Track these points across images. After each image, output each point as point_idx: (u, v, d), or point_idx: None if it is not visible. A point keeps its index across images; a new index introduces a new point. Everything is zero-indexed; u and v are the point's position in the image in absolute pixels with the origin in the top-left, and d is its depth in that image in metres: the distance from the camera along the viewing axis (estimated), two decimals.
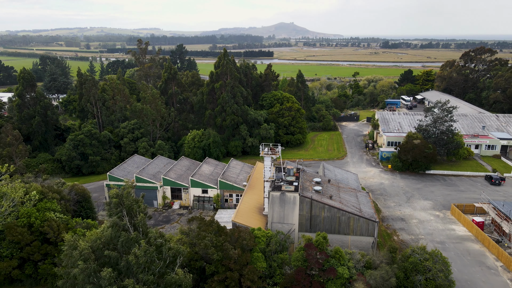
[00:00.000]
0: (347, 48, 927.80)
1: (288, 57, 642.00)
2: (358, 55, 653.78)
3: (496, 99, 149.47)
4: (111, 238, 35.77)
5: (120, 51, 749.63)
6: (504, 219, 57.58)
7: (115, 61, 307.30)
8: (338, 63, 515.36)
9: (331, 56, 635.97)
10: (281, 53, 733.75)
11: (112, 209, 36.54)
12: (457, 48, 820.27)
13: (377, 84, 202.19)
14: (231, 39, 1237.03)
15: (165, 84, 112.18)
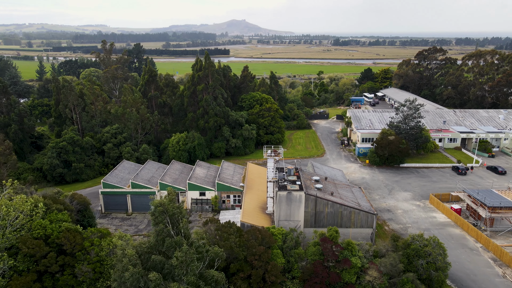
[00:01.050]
0: (300, 45, 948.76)
1: (245, 55, 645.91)
2: (312, 53, 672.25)
3: (448, 95, 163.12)
4: (156, 244, 37.38)
5: (67, 50, 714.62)
6: (479, 205, 65.22)
7: (67, 61, 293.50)
8: (294, 60, 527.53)
9: (286, 54, 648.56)
10: (237, 51, 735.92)
11: (157, 218, 38.06)
12: (401, 45, 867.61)
13: (339, 82, 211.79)
14: (184, 37, 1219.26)
15: (145, 86, 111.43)
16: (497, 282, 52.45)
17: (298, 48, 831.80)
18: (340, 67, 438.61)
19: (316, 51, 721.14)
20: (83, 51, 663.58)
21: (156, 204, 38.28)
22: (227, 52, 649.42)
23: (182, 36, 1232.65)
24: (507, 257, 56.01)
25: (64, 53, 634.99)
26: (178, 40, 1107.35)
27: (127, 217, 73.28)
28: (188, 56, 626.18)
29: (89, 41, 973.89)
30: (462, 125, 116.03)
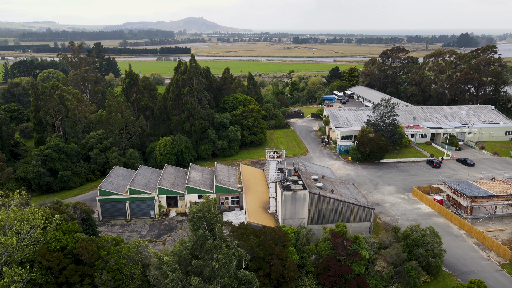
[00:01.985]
0: (260, 43, 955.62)
1: (206, 53, 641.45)
2: (273, 50, 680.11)
3: (413, 92, 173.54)
4: (193, 248, 39.00)
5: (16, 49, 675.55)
6: (460, 195, 71.81)
7: (21, 62, 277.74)
8: (257, 59, 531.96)
9: (248, 52, 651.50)
10: (198, 49, 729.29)
11: (196, 223, 39.60)
12: (357, 43, 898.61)
13: (308, 81, 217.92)
14: (141, 34, 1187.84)
15: (126, 90, 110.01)
16: (483, 265, 58.60)
17: (259, 46, 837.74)
18: (302, 65, 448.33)
19: (277, 49, 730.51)
20: (34, 50, 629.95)
21: (194, 210, 39.83)
22: (189, 50, 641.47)
23: (139, 34, 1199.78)
24: (489, 242, 62.54)
25: (13, 53, 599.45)
26: (135, 38, 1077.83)
27: (126, 223, 73.21)
28: (149, 55, 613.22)
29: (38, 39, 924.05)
30: (430, 121, 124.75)
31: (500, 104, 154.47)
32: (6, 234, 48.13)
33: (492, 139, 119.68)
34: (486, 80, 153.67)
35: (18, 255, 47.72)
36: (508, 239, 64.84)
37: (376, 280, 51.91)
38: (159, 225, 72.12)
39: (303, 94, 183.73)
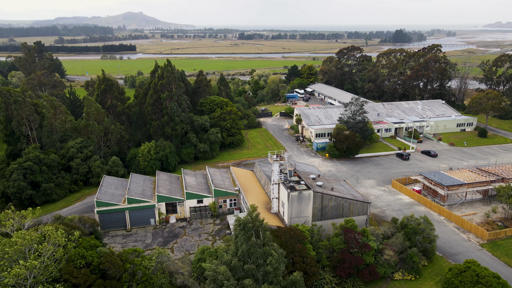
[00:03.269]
0: (206, 39, 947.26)
1: (153, 51, 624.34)
2: (221, 47, 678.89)
3: (369, 89, 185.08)
4: (244, 255, 41.23)
5: None
6: (436, 185, 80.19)
7: None
8: (206, 56, 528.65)
9: (195, 49, 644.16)
10: (142, 46, 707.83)
11: (247, 232, 41.66)
12: (301, 38, 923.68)
13: (268, 79, 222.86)
14: (77, 31, 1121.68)
15: (102, 96, 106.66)
16: (466, 246, 66.69)
17: (205, 42, 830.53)
18: (253, 61, 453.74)
19: (224, 45, 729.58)
20: None
21: (246, 220, 41.84)
22: (133, 48, 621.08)
23: (74, 30, 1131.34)
24: (468, 225, 71.07)
25: None
26: (71, 34, 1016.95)
27: (127, 233, 72.57)
28: (90, 53, 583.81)
29: None
30: (392, 116, 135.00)
31: (445, 98, 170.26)
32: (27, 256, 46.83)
33: (446, 131, 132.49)
34: (434, 77, 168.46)
35: (43, 275, 46.67)
36: (481, 221, 73.98)
37: (384, 267, 57.50)
38: (162, 233, 72.42)
39: (267, 93, 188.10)
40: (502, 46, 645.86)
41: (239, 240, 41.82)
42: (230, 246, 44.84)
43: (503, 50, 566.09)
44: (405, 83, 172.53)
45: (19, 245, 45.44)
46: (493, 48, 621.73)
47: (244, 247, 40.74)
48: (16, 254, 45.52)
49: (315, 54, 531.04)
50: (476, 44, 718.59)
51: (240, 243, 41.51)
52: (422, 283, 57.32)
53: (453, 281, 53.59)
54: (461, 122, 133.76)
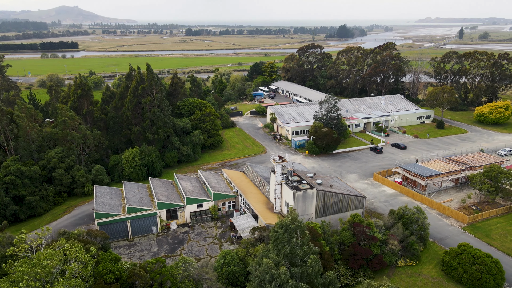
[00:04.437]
0: (151, 35, 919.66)
1: (97, 48, 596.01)
2: (170, 44, 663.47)
3: (331, 85, 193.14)
4: (286, 256, 43.37)
5: None
6: (416, 176, 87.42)
7: None
8: (156, 53, 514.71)
9: (143, 46, 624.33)
10: (84, 43, 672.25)
11: (290, 233, 43.65)
12: (249, 34, 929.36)
13: (230, 77, 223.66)
14: (6, 26, 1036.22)
15: (78, 102, 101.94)
16: (451, 230, 74.02)
17: (151, 38, 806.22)
18: (205, 58, 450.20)
19: (172, 41, 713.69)
20: None
21: (288, 222, 43.82)
22: (75, 45, 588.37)
23: (3, 26, 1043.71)
24: (449, 211, 78.68)
25: None
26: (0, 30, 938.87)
27: (130, 243, 71.44)
28: (27, 51, 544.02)
29: None
30: (360, 112, 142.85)
31: (400, 92, 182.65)
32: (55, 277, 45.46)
33: (408, 124, 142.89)
34: (390, 73, 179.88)
35: None
36: (458, 206, 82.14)
37: (389, 256, 62.54)
38: (166, 240, 72.19)
39: (234, 92, 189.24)
40: (435, 41, 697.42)
41: (280, 242, 43.88)
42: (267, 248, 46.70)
43: (436, 45, 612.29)
44: (365, 79, 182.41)
45: (50, 267, 43.92)
46: (427, 42, 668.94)
47: (287, 248, 42.94)
48: (47, 275, 43.97)
49: (266, 50, 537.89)
50: (412, 38, 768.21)
51: (281, 244, 43.60)
52: (423, 268, 63.15)
53: (451, 263, 59.85)
54: (420, 115, 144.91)
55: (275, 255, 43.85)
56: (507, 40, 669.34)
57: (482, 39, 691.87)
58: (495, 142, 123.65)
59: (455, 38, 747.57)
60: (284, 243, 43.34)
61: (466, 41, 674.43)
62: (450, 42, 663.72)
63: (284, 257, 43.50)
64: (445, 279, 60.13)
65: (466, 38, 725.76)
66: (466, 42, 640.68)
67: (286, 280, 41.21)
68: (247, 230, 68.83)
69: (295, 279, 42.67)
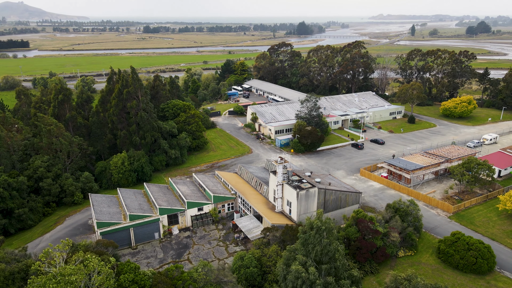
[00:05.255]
0: (107, 33, 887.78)
1: (50, 47, 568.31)
2: (128, 42, 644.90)
3: (304, 83, 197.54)
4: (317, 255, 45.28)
5: None
6: (401, 170, 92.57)
7: None
8: (116, 52, 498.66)
9: (100, 44, 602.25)
10: (35, 42, 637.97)
11: (321, 234, 45.41)
12: (209, 31, 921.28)
13: (201, 77, 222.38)
14: None
15: (59, 107, 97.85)
16: (439, 219, 79.41)
17: (107, 36, 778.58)
18: (168, 57, 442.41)
19: (131, 39, 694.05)
20: None
21: (319, 224, 45.52)
22: (26, 44, 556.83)
23: None
24: (434, 202, 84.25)
25: None
26: None
27: (134, 251, 70.50)
28: None
29: None
30: (337, 109, 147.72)
31: (370, 89, 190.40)
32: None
33: (382, 119, 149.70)
34: (360, 70, 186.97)
35: None
36: (441, 197, 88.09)
37: (391, 248, 66.37)
38: (170, 246, 71.91)
39: (208, 92, 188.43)
40: (390, 37, 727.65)
41: (310, 243, 45.70)
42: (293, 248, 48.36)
43: (391, 41, 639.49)
44: (336, 77, 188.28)
45: (78, 281, 43.06)
46: (382, 39, 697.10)
47: (318, 248, 44.88)
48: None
49: (229, 48, 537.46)
50: (368, 35, 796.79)
51: (312, 245, 45.45)
52: (421, 256, 67.60)
53: (448, 251, 64.60)
54: (392, 111, 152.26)
55: (303, 255, 45.65)
56: (454, 36, 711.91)
57: (432, 36, 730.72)
58: (462, 134, 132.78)
59: (408, 34, 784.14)
60: (315, 244, 45.21)
61: (418, 37, 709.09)
62: (404, 38, 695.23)
63: (314, 257, 45.38)
64: (443, 266, 64.81)
65: (418, 35, 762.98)
66: (418, 39, 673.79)
67: (314, 281, 43.19)
68: (253, 231, 70.17)
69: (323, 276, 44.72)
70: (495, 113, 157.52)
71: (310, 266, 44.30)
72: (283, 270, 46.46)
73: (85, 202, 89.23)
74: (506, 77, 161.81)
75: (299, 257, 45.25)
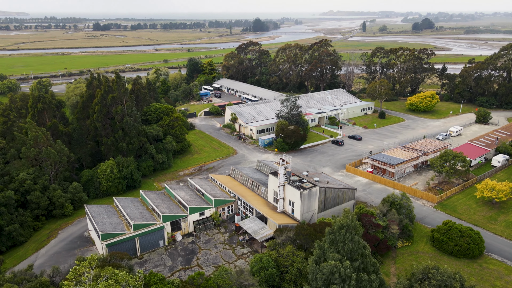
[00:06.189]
0: (53, 31, 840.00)
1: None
2: (79, 40, 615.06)
3: (274, 81, 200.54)
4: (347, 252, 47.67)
5: None
6: (385, 165, 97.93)
7: None
8: (67, 51, 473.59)
9: (47, 43, 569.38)
10: None
11: (351, 232, 47.64)
12: (163, 28, 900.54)
13: (168, 77, 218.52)
14: None
15: (38, 116, 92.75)
16: (425, 209, 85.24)
17: (54, 34, 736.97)
18: (125, 56, 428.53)
19: (81, 37, 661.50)
20: None
21: (349, 223, 47.68)
22: None
23: None
24: (419, 193, 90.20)
25: None
26: None
27: (141, 260, 69.39)
28: None
29: None
30: (312, 107, 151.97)
31: (338, 86, 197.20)
32: None
33: (354, 115, 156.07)
34: (328, 67, 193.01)
35: None
36: (424, 188, 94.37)
37: (391, 240, 70.68)
38: (176, 252, 71.57)
39: (180, 92, 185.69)
40: (343, 33, 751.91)
41: (340, 241, 47.95)
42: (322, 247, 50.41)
43: (345, 37, 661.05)
44: (306, 75, 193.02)
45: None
46: (336, 35, 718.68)
47: (350, 245, 47.28)
48: None
49: (187, 45, 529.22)
50: (322, 31, 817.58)
51: (342, 244, 47.73)
52: (417, 246, 72.59)
53: (443, 239, 69.94)
54: (364, 107, 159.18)
55: (333, 253, 47.90)
56: (402, 32, 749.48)
57: (382, 32, 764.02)
58: (430, 128, 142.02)
59: (359, 30, 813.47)
60: (345, 241, 47.57)
61: (369, 33, 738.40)
62: (356, 34, 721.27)
63: (346, 254, 47.73)
64: (438, 253, 70.08)
65: (368, 31, 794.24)
66: (369, 35, 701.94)
67: (350, 275, 45.71)
68: (260, 233, 71.56)
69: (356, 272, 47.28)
70: (455, 106, 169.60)
71: (344, 262, 46.60)
72: (314, 269, 48.44)
73: (76, 213, 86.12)
74: (462, 73, 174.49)
75: (332, 255, 47.45)
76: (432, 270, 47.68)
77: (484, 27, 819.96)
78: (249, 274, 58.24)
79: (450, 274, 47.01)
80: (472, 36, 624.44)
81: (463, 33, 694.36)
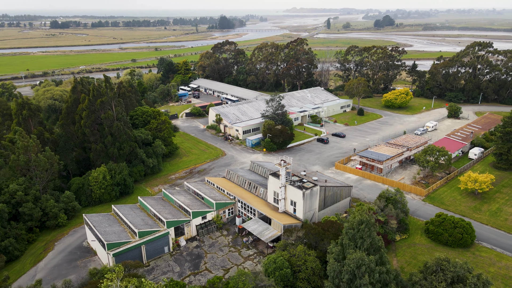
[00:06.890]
0: (6, 29, 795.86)
1: None
2: (36, 39, 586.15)
3: (251, 81, 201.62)
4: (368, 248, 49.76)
5: None
6: (373, 161, 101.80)
7: None
8: (26, 51, 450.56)
9: (2, 42, 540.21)
10: None
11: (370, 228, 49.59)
12: (126, 26, 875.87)
13: (142, 78, 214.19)
14: None
15: (24, 123, 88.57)
16: (415, 203, 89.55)
17: (9, 33, 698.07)
18: (90, 55, 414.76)
19: (38, 36, 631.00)
20: None
21: (367, 218, 49.63)
22: None
23: None
24: (408, 187, 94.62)
25: None
26: None
27: (147, 268, 68.58)
28: None
29: None
30: (293, 106, 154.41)
31: (314, 84, 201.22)
32: None
33: (334, 113, 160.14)
34: (304, 66, 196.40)
35: None
36: (411, 183, 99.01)
37: (390, 234, 74.09)
38: (183, 258, 71.36)
39: (157, 94, 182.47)
40: (309, 31, 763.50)
41: (359, 237, 50.01)
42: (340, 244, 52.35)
43: (311, 34, 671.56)
44: (283, 73, 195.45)
45: None
46: (302, 32, 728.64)
47: (369, 240, 49.43)
48: None
49: (154, 44, 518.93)
50: (287, 28, 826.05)
51: (361, 240, 49.82)
52: (414, 238, 76.44)
53: (437, 231, 74.08)
54: (343, 105, 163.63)
55: (352, 249, 49.97)
56: (365, 29, 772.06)
57: (346, 29, 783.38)
58: (407, 123, 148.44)
59: (324, 27, 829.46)
60: (364, 238, 49.70)
61: (334, 30, 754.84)
62: (321, 31, 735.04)
63: (365, 250, 49.87)
64: (434, 244, 74.18)
65: (333, 28, 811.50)
66: (334, 32, 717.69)
67: (374, 268, 47.98)
68: (265, 234, 72.65)
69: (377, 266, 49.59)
70: (426, 101, 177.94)
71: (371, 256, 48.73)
72: (336, 266, 50.24)
73: (70, 223, 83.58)
74: (431, 69, 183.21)
75: (352, 251, 49.46)
76: (444, 262, 50.74)
77: (440, 23, 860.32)
78: (264, 275, 59.35)
79: (461, 265, 50.31)
80: (430, 33, 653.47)
81: (422, 30, 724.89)
